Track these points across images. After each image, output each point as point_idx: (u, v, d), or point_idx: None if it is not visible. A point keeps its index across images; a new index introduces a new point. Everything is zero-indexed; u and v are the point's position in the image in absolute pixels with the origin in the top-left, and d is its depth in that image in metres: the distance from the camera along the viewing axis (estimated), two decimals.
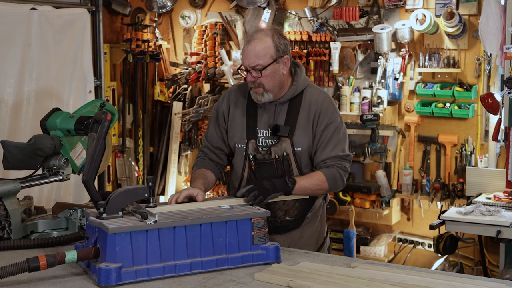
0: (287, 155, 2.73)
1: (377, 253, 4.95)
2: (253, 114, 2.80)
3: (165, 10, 5.69)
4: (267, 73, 2.66)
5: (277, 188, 2.59)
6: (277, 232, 2.80)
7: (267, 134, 2.76)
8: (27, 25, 4.02)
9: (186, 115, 5.54)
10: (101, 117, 2.47)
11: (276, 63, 2.68)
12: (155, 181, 5.75)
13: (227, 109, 2.87)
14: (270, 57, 2.66)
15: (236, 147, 2.83)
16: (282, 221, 2.80)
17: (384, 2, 4.83)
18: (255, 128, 2.78)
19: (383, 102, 4.88)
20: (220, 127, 2.89)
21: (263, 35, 2.69)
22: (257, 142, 2.76)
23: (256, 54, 2.65)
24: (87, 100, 4.34)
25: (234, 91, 2.91)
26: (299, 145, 2.73)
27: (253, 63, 2.66)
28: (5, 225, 2.58)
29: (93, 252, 2.15)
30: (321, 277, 2.13)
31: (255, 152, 2.76)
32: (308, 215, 2.85)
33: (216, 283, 2.11)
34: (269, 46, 2.66)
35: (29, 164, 2.74)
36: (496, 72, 4.52)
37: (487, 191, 4.45)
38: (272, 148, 2.74)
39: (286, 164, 2.73)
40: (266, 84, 2.68)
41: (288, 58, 2.73)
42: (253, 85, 2.70)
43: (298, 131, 2.73)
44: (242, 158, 2.80)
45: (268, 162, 2.75)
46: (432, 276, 2.18)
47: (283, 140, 2.73)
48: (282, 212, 2.79)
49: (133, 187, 2.50)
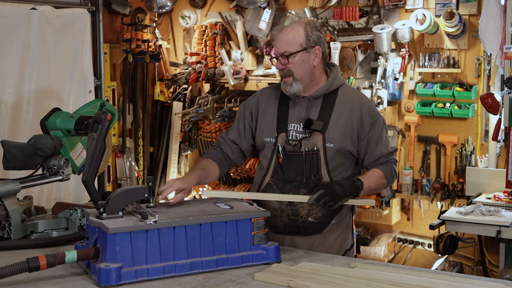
0: (317, 150, 2.68)
1: (377, 253, 4.95)
2: (285, 108, 2.76)
3: (165, 10, 5.69)
4: (295, 61, 2.65)
5: (347, 192, 2.58)
6: (297, 233, 2.73)
7: (299, 128, 2.72)
8: (27, 25, 4.02)
9: (186, 115, 5.54)
10: (101, 117, 2.47)
11: (305, 52, 2.66)
12: (155, 181, 5.74)
13: (256, 106, 2.84)
14: (299, 45, 2.65)
15: (265, 141, 2.78)
16: (304, 221, 2.71)
17: (384, 2, 4.83)
18: (286, 122, 2.74)
19: (383, 102, 4.88)
20: (245, 123, 2.86)
21: (296, 24, 2.71)
22: (288, 135, 2.72)
23: (286, 41, 2.66)
24: (87, 100, 4.33)
25: (266, 89, 2.91)
26: (331, 141, 2.68)
27: (282, 50, 2.66)
28: (5, 225, 2.58)
29: (93, 252, 2.15)
30: (321, 277, 2.13)
31: (285, 143, 2.72)
32: (333, 221, 2.76)
33: (216, 283, 2.11)
34: (300, 34, 2.66)
35: (29, 164, 2.74)
36: (496, 72, 4.52)
37: (487, 191, 4.45)
38: (303, 141, 2.69)
39: (315, 158, 2.68)
40: (294, 72, 2.66)
41: (320, 50, 2.69)
42: (283, 74, 2.69)
43: (331, 127, 2.69)
44: (270, 152, 2.75)
45: (298, 154, 2.69)
46: (432, 276, 2.18)
47: (315, 134, 2.68)
48: (305, 211, 2.70)
49: (133, 187, 2.51)
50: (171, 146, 5.84)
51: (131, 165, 5.61)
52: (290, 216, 2.69)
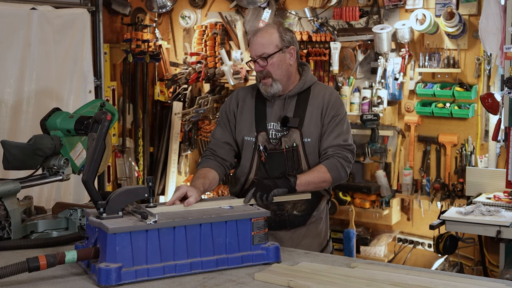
0: (296, 146, 2.79)
1: (377, 253, 4.95)
2: (262, 108, 2.87)
3: (165, 10, 5.69)
4: (274, 61, 2.75)
5: (277, 184, 2.62)
6: (283, 227, 2.83)
7: (277, 126, 2.82)
8: (27, 25, 4.02)
9: (186, 115, 5.54)
10: (101, 117, 2.47)
11: (282, 52, 2.77)
12: (155, 181, 5.74)
13: (235, 106, 2.93)
14: (275, 46, 2.76)
15: (244, 140, 2.86)
16: (290, 215, 2.83)
17: (384, 2, 4.83)
18: (264, 121, 2.84)
19: (383, 102, 4.88)
20: (229, 124, 2.92)
21: (268, 27, 2.82)
22: (268, 135, 2.82)
23: (262, 43, 2.76)
24: (87, 100, 4.34)
25: (242, 90, 3.00)
26: (308, 136, 2.79)
27: (259, 52, 2.76)
28: (5, 225, 2.58)
29: (93, 252, 2.15)
30: (321, 277, 2.13)
31: (266, 143, 2.81)
32: (314, 213, 2.88)
33: (216, 283, 2.11)
34: (275, 36, 2.77)
35: (29, 164, 2.74)
36: (496, 72, 4.52)
37: (487, 191, 4.45)
38: (283, 138, 2.79)
39: (295, 154, 2.79)
40: (273, 72, 2.76)
41: (294, 49, 2.81)
42: (262, 75, 2.79)
43: (306, 122, 2.80)
44: (251, 151, 2.84)
45: (279, 152, 2.79)
46: (432, 276, 2.18)
47: (293, 131, 2.79)
48: (290, 205, 2.81)
49: (133, 187, 2.50)
50: (171, 146, 5.85)
51: (131, 165, 5.61)
52: (276, 212, 2.79)
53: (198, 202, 2.45)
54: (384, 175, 4.92)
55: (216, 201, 2.53)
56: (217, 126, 2.98)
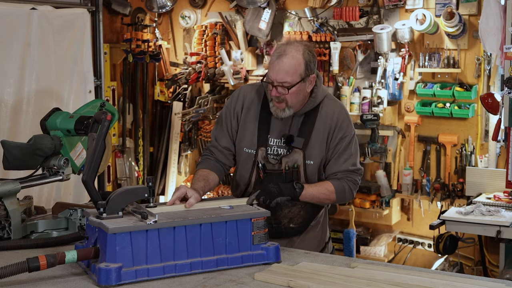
0: (297, 167, 2.71)
1: (377, 253, 4.95)
2: (266, 120, 2.74)
3: (165, 10, 5.69)
4: (293, 90, 2.61)
5: (283, 191, 2.58)
6: (278, 237, 2.75)
7: (279, 143, 2.73)
8: (27, 25, 4.02)
9: (186, 115, 5.54)
10: (101, 117, 2.47)
11: (303, 82, 2.63)
12: (155, 181, 5.75)
13: (240, 108, 2.81)
14: (299, 76, 2.61)
15: (244, 151, 2.78)
16: (286, 228, 2.77)
17: (384, 2, 4.83)
18: (267, 136, 2.73)
19: (383, 102, 4.88)
20: (231, 127, 2.83)
21: (294, 50, 2.61)
22: (268, 150, 2.73)
23: (286, 71, 2.58)
24: (87, 100, 4.34)
25: (249, 92, 2.84)
26: (311, 158, 2.71)
27: (281, 79, 2.59)
28: (5, 225, 2.57)
29: (93, 252, 2.15)
30: (321, 277, 2.13)
31: (265, 160, 2.72)
32: (312, 223, 2.84)
33: (216, 283, 2.11)
34: (300, 63, 2.60)
35: (29, 164, 2.74)
36: (496, 72, 4.52)
37: (487, 191, 4.45)
38: (283, 158, 2.70)
39: (295, 175, 2.70)
40: (290, 101, 2.63)
41: (314, 77, 2.68)
42: (277, 100, 2.64)
43: (311, 144, 2.70)
44: (251, 164, 2.76)
45: (278, 172, 2.71)
46: (432, 276, 2.18)
47: (296, 151, 2.69)
48: (286, 219, 2.75)
49: (133, 187, 2.50)
50: (171, 146, 5.85)
51: (131, 165, 5.61)
52: (272, 224, 2.70)
53: (198, 202, 2.46)
54: (384, 175, 4.92)
55: (216, 201, 2.53)
56: (219, 126, 2.87)
